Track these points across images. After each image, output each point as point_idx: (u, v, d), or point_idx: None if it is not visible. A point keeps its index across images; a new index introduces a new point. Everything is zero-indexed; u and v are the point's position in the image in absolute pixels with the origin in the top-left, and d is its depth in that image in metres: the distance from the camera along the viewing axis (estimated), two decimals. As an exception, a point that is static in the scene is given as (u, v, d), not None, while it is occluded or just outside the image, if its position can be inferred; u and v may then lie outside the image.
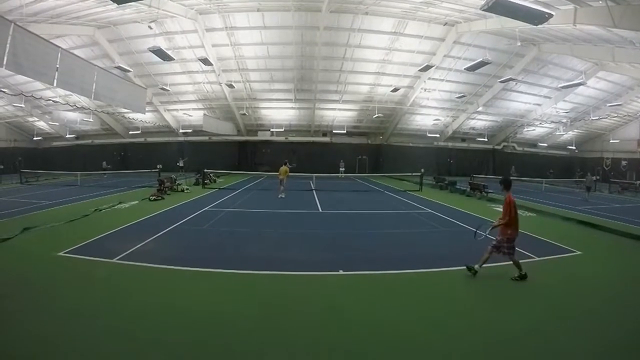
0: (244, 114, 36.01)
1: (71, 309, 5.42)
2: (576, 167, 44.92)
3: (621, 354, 4.51)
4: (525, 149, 44.29)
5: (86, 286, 6.33)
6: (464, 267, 7.25)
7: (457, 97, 31.96)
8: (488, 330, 5.07)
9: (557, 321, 5.30)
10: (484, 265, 7.15)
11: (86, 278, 6.72)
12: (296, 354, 4.40)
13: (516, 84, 30.48)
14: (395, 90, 29.99)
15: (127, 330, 4.83)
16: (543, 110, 36.06)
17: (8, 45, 11.68)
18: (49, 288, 6.22)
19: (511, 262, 7.03)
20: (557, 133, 41.66)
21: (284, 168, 19.68)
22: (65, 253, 8.12)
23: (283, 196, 18.89)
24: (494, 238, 7.31)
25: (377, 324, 5.17)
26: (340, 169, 36.77)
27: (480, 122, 39.52)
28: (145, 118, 35.43)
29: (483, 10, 12.04)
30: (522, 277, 6.98)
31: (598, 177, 32.28)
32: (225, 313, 5.43)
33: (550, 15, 12.08)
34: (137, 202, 16.57)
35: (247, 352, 4.40)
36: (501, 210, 7.49)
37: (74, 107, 28.86)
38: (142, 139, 40.58)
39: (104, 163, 36.86)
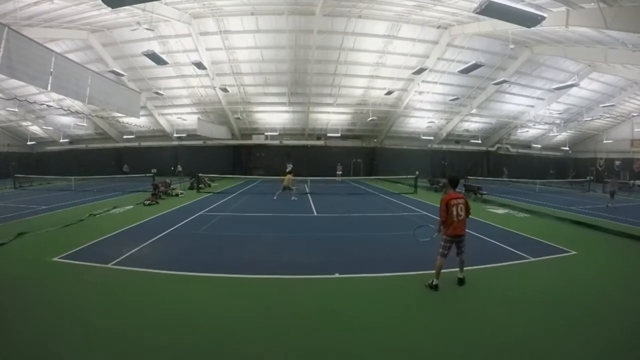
0: (238, 118, 36.00)
1: (66, 314, 5.40)
2: (570, 168, 45.24)
3: (619, 354, 4.54)
4: (519, 150, 44.61)
5: (81, 291, 6.29)
6: (458, 269, 7.31)
7: (450, 100, 32.06)
8: (488, 331, 5.07)
9: (554, 321, 5.32)
10: (480, 267, 7.19)
11: (81, 283, 6.69)
12: (292, 357, 4.40)
13: (509, 86, 30.68)
14: (389, 93, 30.05)
15: (122, 335, 4.80)
16: (536, 111, 36.33)
17: (2, 49, 11.65)
18: (44, 293, 6.17)
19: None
20: (551, 134, 41.97)
21: (287, 176, 20.85)
22: (60, 258, 8.08)
23: (295, 199, 19.84)
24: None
25: (374, 327, 5.17)
26: (338, 172, 36.87)
27: (474, 124, 39.72)
28: (139, 122, 35.34)
29: (476, 13, 12.12)
30: (431, 285, 6.61)
31: (592, 178, 32.45)
32: (220, 317, 5.42)
33: (543, 18, 12.20)
34: (131, 206, 16.50)
35: (243, 356, 4.40)
36: (495, 211, 7.59)
37: (68, 111, 28.70)
38: (136, 144, 40.52)
39: (125, 166, 37.07)
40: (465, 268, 7.04)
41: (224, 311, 5.63)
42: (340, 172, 37.02)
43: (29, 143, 40.37)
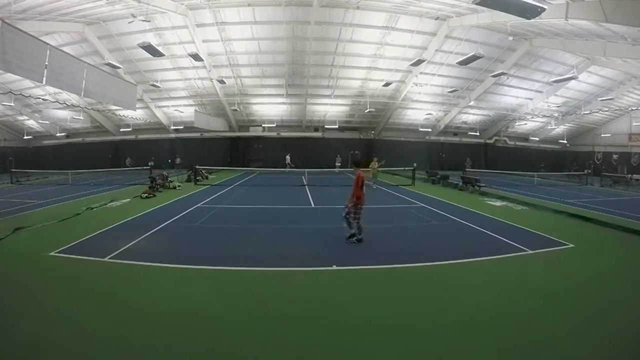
0: (236, 110, 35.85)
1: (62, 310, 5.37)
2: (568, 161, 45.29)
3: (617, 348, 4.54)
4: (517, 143, 44.60)
5: (77, 286, 6.27)
6: (455, 261, 7.54)
7: (449, 92, 32.01)
8: (484, 325, 5.06)
9: (551, 314, 5.34)
10: (477, 259, 7.27)
11: (78, 278, 6.67)
12: (290, 351, 4.38)
13: (508, 78, 30.54)
14: (387, 84, 30.02)
15: (118, 332, 4.77)
16: (535, 104, 36.27)
17: (-4, 43, 11.55)
18: (40, 289, 6.14)
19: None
20: (549, 127, 41.91)
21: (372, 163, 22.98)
22: (57, 253, 8.05)
23: (374, 187, 21.44)
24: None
25: (371, 320, 5.16)
26: (337, 163, 36.93)
27: (472, 116, 39.70)
28: (136, 115, 35.11)
29: (475, 4, 12.05)
30: (359, 240, 8.97)
31: (589, 171, 32.49)
32: (217, 311, 5.40)
33: (543, 9, 12.11)
34: (128, 199, 16.46)
35: (240, 350, 4.38)
36: (493, 203, 7.76)
37: (64, 105, 28.56)
38: (133, 136, 40.35)
39: (128, 160, 37.06)
40: (462, 260, 7.54)
41: (220, 304, 5.62)
42: (340, 164, 37.07)
43: (25, 137, 40.14)
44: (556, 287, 6.43)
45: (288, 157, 37.44)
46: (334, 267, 7.30)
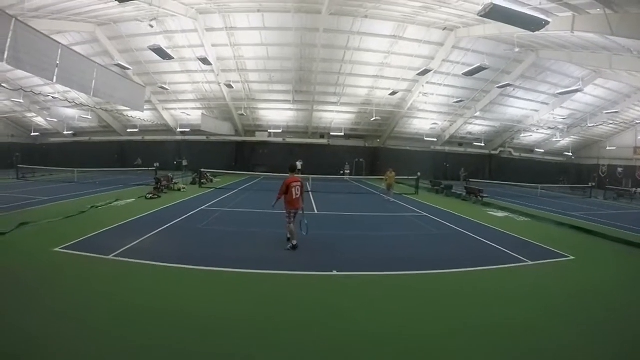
0: (242, 115, 36.12)
1: (65, 306, 5.44)
2: (572, 174, 45.07)
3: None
4: (522, 154, 44.55)
5: (81, 282, 6.36)
6: (455, 270, 7.60)
7: (454, 102, 32.00)
8: (484, 332, 5.11)
9: (551, 324, 5.36)
10: (478, 269, 7.32)
11: (82, 274, 6.76)
12: (285, 354, 4.44)
13: (514, 89, 30.49)
14: (393, 93, 30.08)
15: (118, 328, 4.85)
16: (540, 116, 36.21)
17: (9, 40, 11.72)
18: (44, 284, 6.23)
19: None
20: (554, 139, 41.71)
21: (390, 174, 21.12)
22: (61, 249, 8.15)
23: (392, 200, 20.45)
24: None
25: (370, 326, 5.21)
26: (346, 171, 36.98)
27: (477, 127, 39.67)
28: (143, 116, 35.32)
29: (480, 16, 12.12)
30: (294, 247, 8.92)
31: (593, 184, 32.40)
32: (216, 312, 5.46)
33: (547, 22, 12.18)
34: (133, 200, 16.57)
35: (238, 351, 4.44)
36: (495, 214, 7.77)
37: (73, 103, 28.76)
38: (139, 137, 40.65)
39: (139, 160, 37.47)
40: (462, 270, 7.61)
41: (220, 306, 5.68)
42: (349, 172, 37.15)
43: (32, 134, 40.60)
44: (555, 298, 6.47)
45: (298, 163, 37.39)
46: (335, 273, 7.35)
